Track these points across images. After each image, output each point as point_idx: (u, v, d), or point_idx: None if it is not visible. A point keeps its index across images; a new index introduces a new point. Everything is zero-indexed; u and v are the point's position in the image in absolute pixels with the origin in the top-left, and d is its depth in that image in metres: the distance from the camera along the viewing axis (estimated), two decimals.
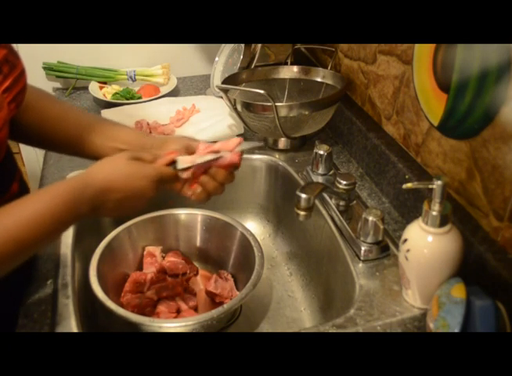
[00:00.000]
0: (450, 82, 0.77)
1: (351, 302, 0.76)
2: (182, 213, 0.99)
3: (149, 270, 0.96)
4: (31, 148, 1.55)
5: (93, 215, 0.68)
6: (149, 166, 0.70)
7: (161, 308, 0.88)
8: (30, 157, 1.54)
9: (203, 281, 0.95)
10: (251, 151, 1.12)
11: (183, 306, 0.90)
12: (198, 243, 1.01)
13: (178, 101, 1.28)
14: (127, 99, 1.35)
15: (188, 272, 0.97)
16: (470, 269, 0.71)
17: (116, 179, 0.66)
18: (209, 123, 1.17)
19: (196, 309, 0.90)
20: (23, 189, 0.81)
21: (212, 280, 0.92)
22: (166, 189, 0.74)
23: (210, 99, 1.29)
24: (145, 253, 0.98)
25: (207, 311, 0.79)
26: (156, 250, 0.98)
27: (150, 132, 1.15)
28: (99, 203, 0.66)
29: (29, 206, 0.63)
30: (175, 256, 0.99)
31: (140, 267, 0.97)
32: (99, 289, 0.81)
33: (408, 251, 0.70)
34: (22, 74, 0.74)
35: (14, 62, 0.73)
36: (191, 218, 0.99)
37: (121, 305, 0.87)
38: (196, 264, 1.00)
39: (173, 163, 0.73)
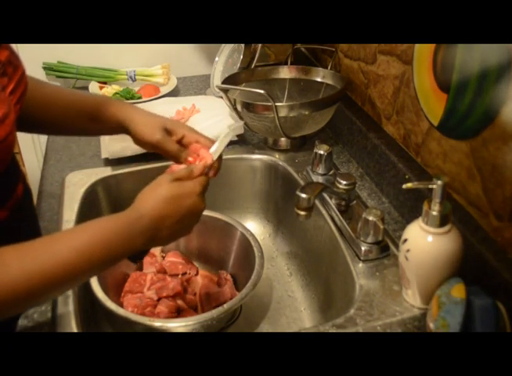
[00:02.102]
0: (450, 82, 0.77)
1: (351, 302, 0.76)
2: None
3: (149, 270, 0.96)
4: (31, 148, 1.55)
5: (150, 246, 0.68)
6: (191, 182, 0.70)
7: (161, 308, 0.88)
8: (30, 157, 1.54)
9: (203, 282, 0.95)
10: (251, 151, 1.12)
11: (183, 306, 0.90)
12: (198, 243, 1.01)
13: (178, 101, 1.28)
14: (127, 99, 1.35)
15: (188, 272, 0.97)
16: (470, 269, 0.71)
17: (165, 206, 0.66)
18: (209, 123, 1.17)
19: (196, 309, 0.90)
20: (27, 191, 0.81)
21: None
22: None
23: (210, 99, 1.29)
24: None
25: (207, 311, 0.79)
26: (156, 250, 0.98)
27: None
28: (154, 232, 0.65)
29: (81, 234, 0.62)
30: (175, 256, 0.99)
31: (140, 267, 0.97)
32: (99, 289, 0.81)
33: (408, 251, 0.70)
34: (23, 75, 0.74)
35: (16, 63, 0.73)
36: None
37: (121, 305, 0.87)
38: (196, 264, 1.00)
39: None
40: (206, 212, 0.98)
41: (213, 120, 1.18)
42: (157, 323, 0.78)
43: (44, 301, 0.63)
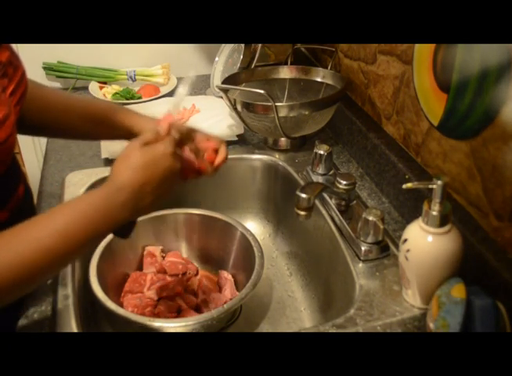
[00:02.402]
0: (450, 82, 0.77)
1: (351, 302, 0.76)
2: (182, 213, 1.00)
3: (149, 270, 0.96)
4: (31, 148, 1.55)
5: (136, 217, 0.67)
6: (161, 144, 0.68)
7: (161, 308, 0.88)
8: (30, 157, 1.54)
9: (203, 282, 0.95)
10: (251, 151, 1.12)
11: (183, 306, 0.90)
12: (198, 243, 1.01)
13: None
14: (127, 99, 1.35)
15: (188, 272, 0.97)
16: (470, 269, 0.71)
17: (143, 173, 0.64)
18: (209, 123, 1.17)
19: (196, 309, 0.90)
20: (28, 192, 0.81)
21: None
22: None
23: (210, 99, 1.29)
24: (145, 253, 0.98)
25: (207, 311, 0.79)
26: (156, 250, 0.98)
27: None
28: (136, 202, 0.64)
29: (60, 216, 0.61)
30: (175, 256, 0.99)
31: (140, 267, 0.97)
32: (99, 289, 0.81)
33: (408, 251, 0.70)
34: (23, 75, 0.74)
35: (16, 64, 0.73)
36: (191, 218, 0.99)
37: (121, 305, 0.87)
38: (196, 264, 1.00)
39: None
40: (206, 212, 0.99)
41: (213, 120, 1.18)
42: (157, 323, 0.78)
43: (32, 288, 0.62)
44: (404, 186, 0.69)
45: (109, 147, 1.08)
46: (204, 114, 1.22)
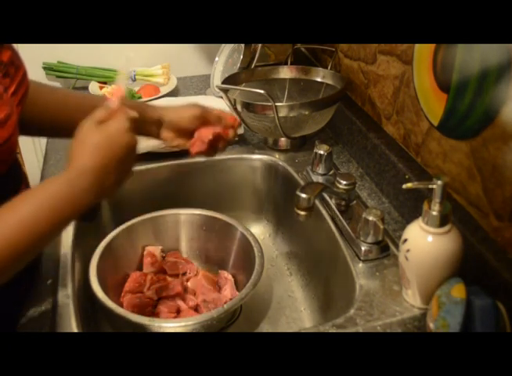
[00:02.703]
0: (450, 82, 0.77)
1: (351, 302, 0.76)
2: (182, 213, 1.00)
3: (149, 270, 0.96)
4: (31, 148, 1.55)
5: (101, 198, 0.65)
6: (115, 121, 0.66)
7: (161, 308, 0.88)
8: (30, 157, 1.54)
9: (203, 282, 0.95)
10: (251, 151, 1.12)
11: (183, 306, 0.90)
12: (198, 243, 1.01)
13: (178, 101, 1.28)
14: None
15: (188, 272, 0.97)
16: (470, 269, 0.71)
17: (102, 153, 0.63)
18: None
19: (196, 309, 0.90)
20: None
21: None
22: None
23: (210, 99, 1.29)
24: (145, 253, 0.98)
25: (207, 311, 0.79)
26: (156, 250, 0.98)
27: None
28: (100, 183, 0.63)
29: (22, 207, 0.59)
30: (175, 256, 0.99)
31: (140, 267, 0.97)
32: (99, 289, 0.81)
33: (408, 251, 0.70)
34: (25, 75, 0.74)
35: (18, 63, 0.73)
36: (191, 218, 0.99)
37: (121, 305, 0.87)
38: (196, 264, 1.00)
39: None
40: (206, 212, 0.99)
41: None
42: (157, 323, 0.78)
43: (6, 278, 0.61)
44: (404, 186, 0.69)
45: None
46: None
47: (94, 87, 1.39)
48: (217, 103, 1.24)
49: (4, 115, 0.64)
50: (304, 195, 0.79)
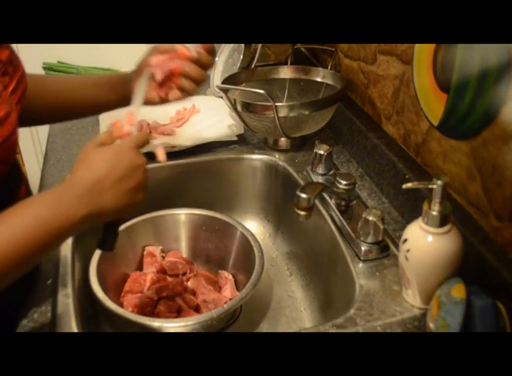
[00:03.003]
0: (450, 82, 0.77)
1: (351, 302, 0.76)
2: (182, 213, 1.00)
3: (149, 270, 0.96)
4: (31, 148, 1.56)
5: (95, 216, 0.61)
6: (120, 142, 0.66)
7: (161, 308, 0.88)
8: (30, 157, 1.55)
9: (203, 282, 0.95)
10: (251, 151, 1.12)
11: (183, 306, 0.90)
12: (198, 243, 1.01)
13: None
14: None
15: (188, 272, 0.97)
16: (470, 269, 0.71)
17: (100, 168, 0.61)
18: (209, 123, 1.17)
19: (196, 309, 0.90)
20: (29, 193, 0.81)
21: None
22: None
23: (210, 99, 1.29)
24: (145, 253, 0.98)
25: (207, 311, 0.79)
26: (156, 250, 0.98)
27: (150, 133, 1.16)
28: (94, 196, 0.60)
29: (11, 222, 0.57)
30: (175, 256, 0.99)
31: (140, 267, 0.97)
32: (99, 289, 0.81)
33: (408, 251, 0.70)
34: (23, 74, 0.74)
35: (16, 63, 0.73)
36: (191, 218, 0.99)
37: (121, 305, 0.87)
38: (196, 264, 1.00)
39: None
40: (206, 212, 0.99)
41: (213, 120, 1.18)
42: (157, 323, 0.78)
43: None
44: (404, 186, 0.69)
45: None
46: (204, 114, 1.22)
47: None
48: (217, 103, 1.24)
49: (3, 113, 0.64)
50: (304, 195, 0.79)
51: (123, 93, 0.84)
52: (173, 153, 1.07)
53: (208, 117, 1.19)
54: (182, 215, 0.99)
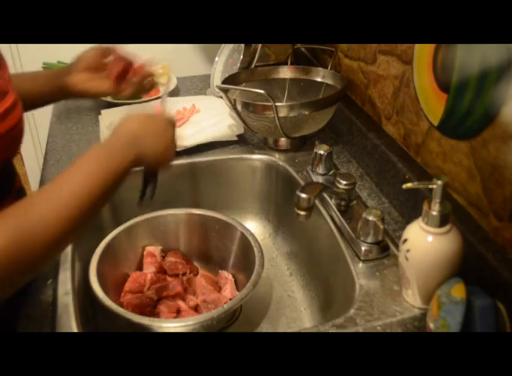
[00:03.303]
0: (450, 82, 0.77)
1: (351, 302, 0.76)
2: (182, 213, 1.00)
3: (149, 270, 0.96)
4: (31, 148, 1.55)
5: (140, 158, 0.70)
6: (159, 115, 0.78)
7: (161, 308, 0.88)
8: (30, 157, 1.55)
9: (203, 282, 0.95)
10: (251, 151, 1.12)
11: (183, 306, 0.90)
12: (198, 243, 1.01)
13: (178, 101, 1.28)
14: (127, 99, 1.34)
15: (188, 272, 0.97)
16: (470, 269, 0.71)
17: (139, 122, 0.72)
18: (209, 123, 1.17)
19: (196, 309, 0.90)
20: (21, 188, 0.81)
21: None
22: None
23: (210, 99, 1.29)
24: (145, 253, 0.98)
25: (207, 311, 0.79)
26: (156, 250, 0.98)
27: None
28: (136, 146, 0.69)
29: (81, 171, 0.65)
30: (175, 256, 0.99)
31: (140, 267, 0.97)
32: (99, 289, 0.81)
33: (408, 251, 0.70)
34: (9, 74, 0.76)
35: (1, 62, 0.74)
36: (191, 218, 0.99)
37: (121, 305, 0.87)
38: (196, 264, 1.00)
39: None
40: (206, 212, 0.99)
41: (213, 120, 1.18)
42: (157, 323, 0.78)
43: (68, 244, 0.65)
44: (404, 186, 0.69)
45: None
46: (204, 114, 1.22)
47: None
48: (217, 103, 1.24)
49: (13, 100, 0.68)
50: (304, 195, 0.79)
51: (55, 84, 0.94)
52: None
53: (208, 117, 1.19)
54: (182, 215, 0.99)
